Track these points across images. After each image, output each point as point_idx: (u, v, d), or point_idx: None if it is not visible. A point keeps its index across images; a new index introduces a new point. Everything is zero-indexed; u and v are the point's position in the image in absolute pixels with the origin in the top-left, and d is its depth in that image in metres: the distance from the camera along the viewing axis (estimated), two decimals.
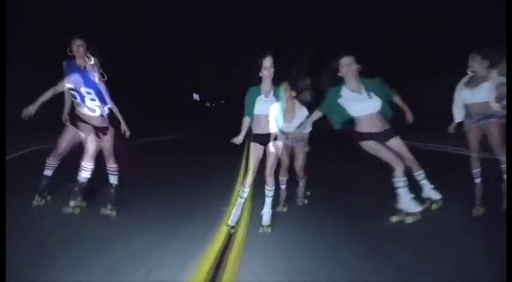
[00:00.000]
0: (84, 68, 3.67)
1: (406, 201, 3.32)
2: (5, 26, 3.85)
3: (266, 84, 3.37)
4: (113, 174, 3.96)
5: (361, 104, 3.37)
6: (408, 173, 3.43)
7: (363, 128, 3.43)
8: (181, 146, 11.56)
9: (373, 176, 5.82)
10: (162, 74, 23.07)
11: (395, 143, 3.45)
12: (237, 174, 5.92)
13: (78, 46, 3.71)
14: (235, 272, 2.54)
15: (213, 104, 50.45)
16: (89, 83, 3.63)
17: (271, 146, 3.41)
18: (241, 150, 8.58)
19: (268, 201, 3.45)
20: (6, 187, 3.61)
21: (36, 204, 3.90)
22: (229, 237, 3.20)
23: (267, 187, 3.45)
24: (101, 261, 2.66)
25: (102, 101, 3.73)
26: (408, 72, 19.98)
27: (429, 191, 3.67)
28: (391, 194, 4.33)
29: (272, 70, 3.32)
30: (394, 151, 3.37)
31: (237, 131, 3.46)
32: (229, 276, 2.48)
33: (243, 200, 3.47)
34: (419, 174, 3.64)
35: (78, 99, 3.66)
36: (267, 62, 3.30)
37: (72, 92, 3.68)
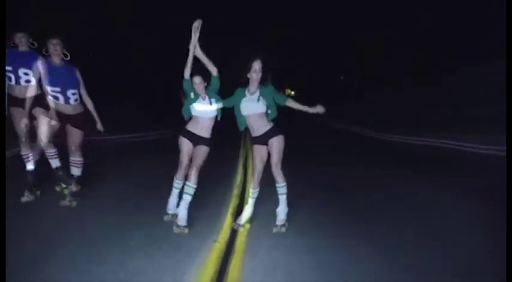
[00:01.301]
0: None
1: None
2: (4, 26, 3.86)
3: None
4: (76, 167, 4.12)
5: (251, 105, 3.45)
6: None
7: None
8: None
9: (375, 176, 5.85)
10: (158, 72, 23.17)
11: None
12: (235, 173, 5.91)
13: (55, 45, 3.88)
14: (240, 273, 2.54)
15: None
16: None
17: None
18: (238, 149, 8.60)
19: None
20: (5, 187, 3.61)
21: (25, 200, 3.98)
22: (233, 238, 3.21)
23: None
24: (101, 263, 2.66)
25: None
26: (408, 72, 19.99)
27: (283, 211, 3.49)
28: (392, 194, 4.36)
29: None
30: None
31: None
32: (234, 276, 2.49)
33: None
34: (282, 187, 3.47)
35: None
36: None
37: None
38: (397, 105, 17.94)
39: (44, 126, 4.07)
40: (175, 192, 3.67)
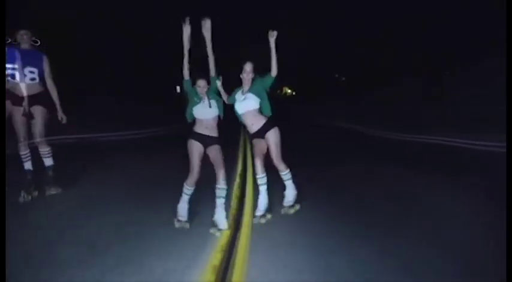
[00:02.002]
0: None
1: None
2: (4, 25, 3.87)
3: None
4: (47, 157, 4.25)
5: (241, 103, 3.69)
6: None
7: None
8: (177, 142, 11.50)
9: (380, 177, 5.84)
10: (152, 69, 23.24)
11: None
12: (235, 171, 5.89)
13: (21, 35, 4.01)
14: (244, 272, 2.54)
15: None
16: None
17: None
18: (237, 148, 8.58)
19: (220, 202, 3.46)
20: (5, 187, 3.61)
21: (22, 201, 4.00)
22: (234, 236, 3.21)
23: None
24: (101, 263, 2.66)
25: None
26: (408, 71, 19.98)
27: (290, 193, 3.80)
28: (392, 193, 4.33)
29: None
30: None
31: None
32: (238, 276, 2.49)
33: (187, 197, 3.55)
34: (285, 174, 3.75)
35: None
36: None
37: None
38: (396, 104, 17.93)
39: (42, 124, 4.16)
40: (185, 198, 3.54)
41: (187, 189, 3.52)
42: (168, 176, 5.26)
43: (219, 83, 3.65)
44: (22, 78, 3.96)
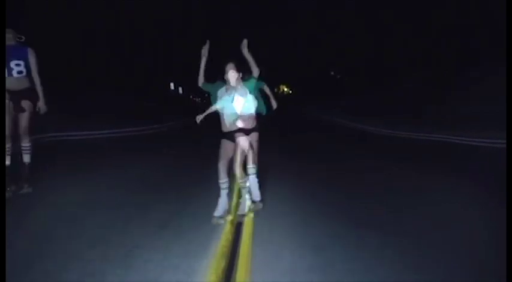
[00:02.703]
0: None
1: (253, 189, 3.67)
2: (4, 25, 3.88)
3: (232, 84, 3.61)
4: (27, 153, 4.24)
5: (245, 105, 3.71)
6: None
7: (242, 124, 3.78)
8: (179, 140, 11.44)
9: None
10: (147, 67, 23.28)
11: (254, 135, 3.81)
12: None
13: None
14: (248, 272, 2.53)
15: (199, 99, 47.18)
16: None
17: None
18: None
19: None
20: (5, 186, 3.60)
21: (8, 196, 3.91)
22: (237, 236, 3.20)
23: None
24: (101, 262, 2.65)
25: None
26: (403, 70, 19.93)
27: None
28: (392, 192, 4.30)
29: (234, 74, 3.59)
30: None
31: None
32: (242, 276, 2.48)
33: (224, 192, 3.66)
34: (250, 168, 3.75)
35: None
36: (229, 67, 3.55)
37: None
38: (395, 103, 17.94)
39: (28, 119, 4.20)
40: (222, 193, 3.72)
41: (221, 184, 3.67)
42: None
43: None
44: (10, 72, 4.01)
